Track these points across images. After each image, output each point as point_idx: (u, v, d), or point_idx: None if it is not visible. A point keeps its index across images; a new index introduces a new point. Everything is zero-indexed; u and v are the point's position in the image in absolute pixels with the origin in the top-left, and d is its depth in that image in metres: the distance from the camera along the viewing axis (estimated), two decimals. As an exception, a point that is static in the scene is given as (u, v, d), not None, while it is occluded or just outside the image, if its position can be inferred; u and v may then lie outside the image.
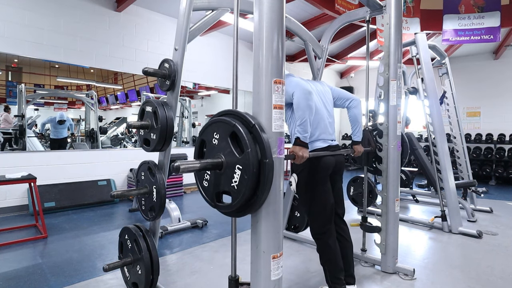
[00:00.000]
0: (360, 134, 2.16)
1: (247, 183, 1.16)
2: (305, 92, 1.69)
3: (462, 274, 2.49)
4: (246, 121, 1.22)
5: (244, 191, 1.17)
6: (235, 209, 1.25)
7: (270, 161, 1.19)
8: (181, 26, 1.90)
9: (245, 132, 1.19)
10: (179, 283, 2.30)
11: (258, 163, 1.17)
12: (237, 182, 1.20)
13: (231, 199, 1.24)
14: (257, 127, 1.20)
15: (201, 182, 1.36)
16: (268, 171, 1.18)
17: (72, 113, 6.31)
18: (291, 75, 1.97)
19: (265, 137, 1.20)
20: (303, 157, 1.66)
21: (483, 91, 7.81)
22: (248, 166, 1.15)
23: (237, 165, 1.19)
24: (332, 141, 2.00)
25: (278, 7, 1.25)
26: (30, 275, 2.39)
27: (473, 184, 4.27)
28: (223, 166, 1.25)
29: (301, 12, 5.81)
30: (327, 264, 1.94)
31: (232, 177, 1.22)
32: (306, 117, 1.67)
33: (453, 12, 5.39)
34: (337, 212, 2.08)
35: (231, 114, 1.28)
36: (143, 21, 5.37)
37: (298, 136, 1.68)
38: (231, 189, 1.23)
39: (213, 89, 7.32)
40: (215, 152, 1.29)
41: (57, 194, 4.33)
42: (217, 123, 1.28)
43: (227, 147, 1.23)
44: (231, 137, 1.23)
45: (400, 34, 2.47)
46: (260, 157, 1.18)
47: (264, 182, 1.18)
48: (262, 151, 1.18)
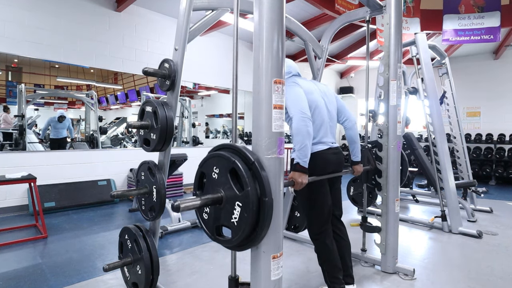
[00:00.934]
0: (358, 153, 2.17)
1: (247, 221, 1.17)
2: (305, 118, 1.69)
3: (462, 274, 2.49)
4: (246, 157, 1.22)
5: (244, 228, 1.18)
6: (235, 244, 1.26)
7: (269, 199, 1.19)
8: (181, 26, 1.90)
9: (245, 169, 1.19)
10: (179, 283, 2.30)
11: (257, 201, 1.18)
12: (237, 219, 1.21)
13: (231, 234, 1.25)
14: (256, 164, 1.20)
15: (201, 215, 1.37)
16: (268, 209, 1.19)
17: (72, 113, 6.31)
18: (295, 84, 1.90)
19: (265, 175, 1.20)
20: (302, 184, 1.67)
21: (483, 91, 7.81)
22: (248, 204, 1.16)
23: (237, 202, 1.20)
24: (332, 144, 2.00)
25: (278, 7, 1.25)
26: (30, 275, 2.39)
27: (473, 184, 4.27)
28: (223, 201, 1.25)
29: (301, 12, 5.81)
30: (325, 264, 1.95)
31: (232, 213, 1.22)
32: (306, 143, 1.67)
33: (453, 12, 5.39)
34: (335, 213, 2.08)
35: (230, 149, 1.28)
36: (143, 21, 5.37)
37: (298, 162, 1.67)
38: (231, 224, 1.23)
39: (213, 89, 7.33)
40: (214, 186, 1.29)
41: (57, 194, 4.33)
42: (217, 158, 1.28)
43: (227, 182, 1.24)
44: (231, 173, 1.23)
45: (400, 34, 2.47)
46: (260, 194, 1.18)
47: (264, 220, 1.18)
48: (261, 188, 1.18)
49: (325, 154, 1.92)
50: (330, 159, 1.94)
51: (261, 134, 1.25)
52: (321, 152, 1.91)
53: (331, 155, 1.95)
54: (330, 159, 1.94)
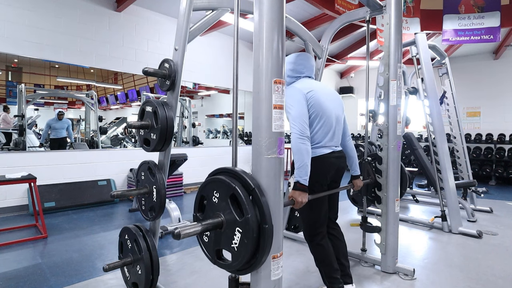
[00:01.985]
0: (357, 167, 2.18)
1: (247, 247, 1.18)
2: (303, 138, 1.70)
3: (462, 274, 2.49)
4: (246, 183, 1.23)
5: (244, 254, 1.19)
6: (235, 269, 1.27)
7: (269, 226, 1.19)
8: (181, 26, 1.90)
9: (245, 195, 1.19)
10: (179, 283, 2.30)
11: (258, 227, 1.18)
12: (237, 244, 1.21)
13: (231, 259, 1.25)
14: (256, 190, 1.20)
15: (202, 238, 1.37)
16: (268, 236, 1.19)
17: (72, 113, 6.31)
18: (300, 91, 1.83)
19: (265, 201, 1.21)
20: (302, 203, 1.67)
21: (483, 91, 7.81)
22: (248, 231, 1.17)
23: (237, 228, 1.20)
24: (336, 147, 1.99)
25: (278, 7, 1.25)
26: (30, 275, 2.39)
27: (473, 184, 4.27)
28: (223, 225, 1.26)
29: (301, 12, 5.81)
30: (322, 265, 1.95)
31: (232, 238, 1.23)
32: (305, 162, 1.67)
33: (453, 12, 5.39)
34: (330, 217, 2.09)
35: (230, 174, 1.28)
36: (143, 21, 5.37)
37: (298, 180, 1.67)
38: (231, 249, 1.24)
39: (213, 89, 7.33)
40: (215, 210, 1.29)
41: (57, 194, 4.33)
42: (217, 183, 1.29)
43: (227, 207, 1.24)
44: (231, 198, 1.23)
45: (400, 34, 2.47)
46: (260, 221, 1.19)
47: (264, 246, 1.19)
48: (261, 215, 1.19)
49: (328, 158, 1.91)
50: (332, 162, 1.93)
51: (261, 134, 1.25)
52: (323, 156, 1.90)
53: (333, 159, 1.94)
54: (332, 162, 1.93)
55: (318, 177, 1.86)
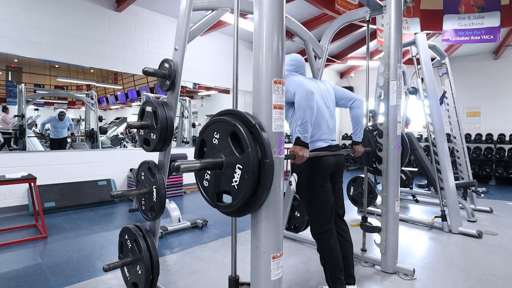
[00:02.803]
0: (361, 134, 2.16)
1: (247, 183, 1.16)
2: (307, 93, 1.68)
3: (462, 274, 2.49)
4: (247, 120, 1.22)
5: (245, 190, 1.17)
6: (235, 209, 1.25)
7: (270, 161, 1.18)
8: (181, 26, 1.90)
9: (246, 131, 1.19)
10: (179, 283, 2.30)
11: (258, 162, 1.17)
12: (237, 182, 1.20)
13: (231, 199, 1.24)
14: (257, 126, 1.20)
15: (201, 182, 1.36)
16: (269, 170, 1.18)
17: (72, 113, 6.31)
18: (294, 74, 1.96)
19: (266, 137, 1.20)
20: (303, 157, 1.66)
21: (483, 91, 7.81)
22: (249, 166, 1.15)
23: (238, 165, 1.19)
24: (332, 141, 2.00)
25: (278, 7, 1.25)
26: (30, 275, 2.39)
27: (473, 184, 4.27)
28: (223, 165, 1.25)
29: (301, 12, 5.81)
30: (328, 264, 1.94)
31: (232, 177, 1.22)
32: (307, 117, 1.67)
33: (453, 12, 5.39)
34: (337, 212, 2.08)
35: (231, 114, 1.28)
36: (143, 21, 5.37)
37: (298, 136, 1.68)
38: (231, 188, 1.23)
39: (213, 89, 7.32)
40: (215, 152, 1.28)
41: (57, 194, 4.33)
42: (218, 123, 1.28)
43: (228, 146, 1.23)
44: (232, 137, 1.22)
45: (400, 34, 2.47)
46: (261, 156, 1.18)
47: (265, 182, 1.18)
48: (262, 151, 1.18)
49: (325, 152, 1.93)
50: (329, 157, 1.95)
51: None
52: (320, 149, 1.92)
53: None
54: (329, 157, 1.95)
55: (317, 170, 1.87)
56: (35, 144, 5.05)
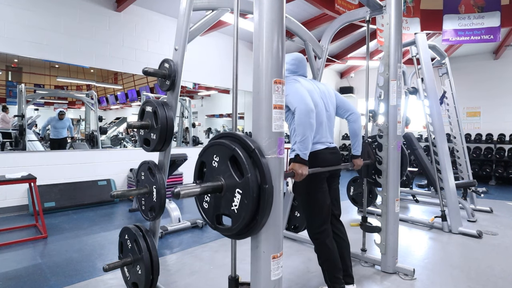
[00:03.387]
0: (359, 148, 2.16)
1: (247, 208, 1.17)
2: (308, 110, 1.69)
3: (462, 274, 2.49)
4: (246, 145, 1.22)
5: (244, 215, 1.18)
6: (235, 233, 1.26)
7: (270, 186, 1.19)
8: (181, 26, 1.90)
9: (245, 156, 1.19)
10: (179, 283, 2.30)
11: (258, 188, 1.17)
12: (237, 206, 1.21)
13: (231, 222, 1.24)
14: (257, 151, 1.20)
15: (201, 204, 1.37)
16: (268, 196, 1.18)
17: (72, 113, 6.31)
18: (295, 79, 1.92)
19: (265, 162, 1.20)
20: (302, 175, 1.67)
21: (483, 91, 7.81)
22: (248, 191, 1.16)
23: (237, 189, 1.20)
24: (330, 143, 2.00)
25: (278, 7, 1.25)
26: (30, 275, 2.39)
27: (473, 184, 4.27)
28: (223, 189, 1.25)
29: (301, 12, 5.81)
30: (325, 264, 1.95)
31: (232, 201, 1.22)
32: (307, 135, 1.67)
33: (453, 12, 5.39)
34: (334, 213, 2.09)
35: (230, 137, 1.28)
36: (143, 21, 5.37)
37: (298, 154, 1.67)
38: (231, 212, 1.23)
39: (213, 89, 7.33)
40: (215, 174, 1.29)
41: (57, 194, 4.32)
42: (217, 146, 1.28)
43: (227, 170, 1.24)
44: (231, 161, 1.23)
45: (400, 34, 2.47)
46: (260, 182, 1.18)
47: (264, 207, 1.18)
48: (262, 176, 1.18)
49: (323, 154, 1.93)
50: (327, 158, 1.95)
51: (261, 134, 1.25)
52: (318, 151, 1.92)
53: (328, 155, 1.95)
54: (327, 158, 1.95)
55: (315, 173, 1.87)
56: (36, 145, 5.05)
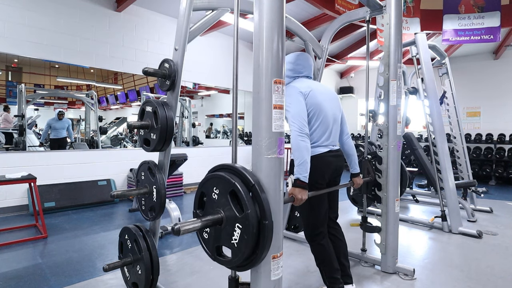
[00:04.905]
0: (356, 166, 2.18)
1: (247, 243, 1.18)
2: (302, 135, 1.71)
3: (462, 274, 2.49)
4: (246, 180, 1.22)
5: (244, 250, 1.19)
6: (235, 265, 1.27)
7: (269, 222, 1.19)
8: (181, 26, 1.90)
9: (245, 191, 1.19)
10: (179, 283, 2.30)
11: (257, 223, 1.18)
12: (237, 240, 1.21)
13: (231, 255, 1.25)
14: (256, 186, 1.21)
15: (201, 234, 1.38)
16: (268, 232, 1.19)
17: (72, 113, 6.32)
18: (298, 91, 1.85)
19: (265, 197, 1.21)
20: (302, 200, 1.68)
21: (483, 91, 7.81)
22: (248, 227, 1.17)
23: (237, 224, 1.20)
24: (333, 146, 2.00)
25: (278, 7, 1.25)
26: (30, 275, 2.39)
27: (473, 184, 4.27)
28: (223, 222, 1.26)
29: (301, 12, 5.81)
30: (322, 265, 1.96)
31: (232, 234, 1.23)
32: (305, 158, 1.68)
33: (453, 12, 5.39)
34: (330, 216, 2.09)
35: (230, 170, 1.28)
36: (143, 21, 5.37)
37: (298, 177, 1.68)
38: (231, 245, 1.24)
39: (213, 89, 7.33)
40: (215, 207, 1.29)
41: (57, 194, 4.32)
42: (217, 179, 1.29)
43: (227, 203, 1.24)
44: (231, 195, 1.23)
45: (400, 34, 2.47)
46: (260, 217, 1.19)
47: (264, 242, 1.19)
48: (261, 211, 1.19)
49: (325, 157, 1.91)
50: (329, 161, 1.94)
51: (261, 134, 1.25)
52: (320, 155, 1.91)
53: (330, 158, 1.94)
54: (329, 161, 1.94)
55: (316, 176, 1.86)
56: (33, 141, 5.05)
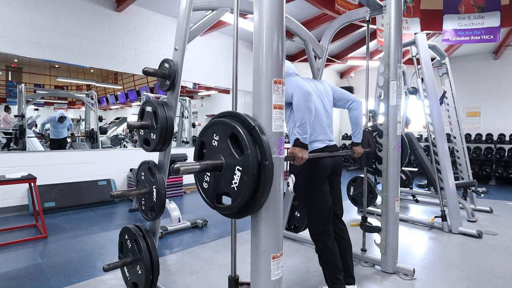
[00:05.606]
0: (360, 135, 2.17)
1: (247, 185, 1.16)
2: (305, 94, 1.69)
3: (462, 274, 2.49)
4: (246, 122, 1.22)
5: (244, 192, 1.18)
6: (235, 211, 1.25)
7: (270, 163, 1.19)
8: (181, 26, 1.90)
9: (245, 134, 1.19)
10: (179, 283, 2.30)
11: (258, 164, 1.17)
12: (237, 184, 1.20)
13: (231, 200, 1.24)
14: (257, 129, 1.20)
15: (201, 184, 1.37)
16: (268, 172, 1.18)
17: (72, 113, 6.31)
18: (291, 75, 1.97)
19: (265, 139, 1.20)
20: (302, 158, 1.66)
21: (483, 91, 7.81)
22: (248, 168, 1.16)
23: (237, 167, 1.19)
24: (330, 142, 2.01)
25: (278, 7, 1.25)
26: (30, 275, 2.39)
27: (473, 184, 4.27)
28: (223, 167, 1.25)
29: (301, 12, 5.81)
30: (326, 264, 1.95)
31: (232, 179, 1.22)
32: (305, 119, 1.67)
33: (453, 12, 5.39)
34: (336, 213, 2.08)
35: (230, 116, 1.28)
36: (143, 21, 5.37)
37: (297, 138, 1.68)
38: (231, 190, 1.23)
39: (213, 89, 7.33)
40: (215, 154, 1.28)
41: (57, 194, 4.32)
42: (217, 125, 1.28)
43: (227, 148, 1.23)
44: (231, 139, 1.22)
45: (400, 34, 2.47)
46: (260, 158, 1.18)
47: (264, 184, 1.18)
48: (262, 153, 1.18)
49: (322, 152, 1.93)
50: (327, 158, 1.94)
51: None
52: (318, 150, 1.92)
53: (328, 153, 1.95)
54: (327, 158, 1.94)
55: (316, 172, 1.87)
56: (35, 144, 5.05)
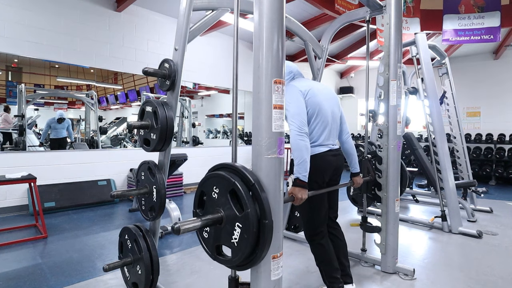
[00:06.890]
0: (357, 165, 2.18)
1: (247, 242, 1.17)
2: (302, 134, 1.71)
3: (462, 274, 2.49)
4: (246, 178, 1.22)
5: (244, 249, 1.19)
6: (235, 265, 1.27)
7: (269, 222, 1.19)
8: (181, 26, 1.90)
9: (245, 190, 1.19)
10: (179, 283, 2.30)
11: (257, 223, 1.18)
12: (237, 240, 1.21)
13: (231, 254, 1.25)
14: (256, 186, 1.20)
15: (201, 234, 1.37)
16: (268, 231, 1.19)
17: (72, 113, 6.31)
18: (298, 90, 1.85)
19: (265, 197, 1.21)
20: (302, 199, 1.68)
21: (483, 91, 7.81)
22: (248, 226, 1.16)
23: (237, 223, 1.20)
24: (333, 146, 2.00)
25: (278, 7, 1.25)
26: (30, 275, 2.39)
27: (473, 184, 4.27)
28: (223, 221, 1.26)
29: (301, 12, 5.81)
30: (322, 264, 1.96)
31: (232, 233, 1.23)
32: (304, 158, 1.68)
33: (453, 12, 5.39)
34: (330, 216, 2.09)
35: (230, 169, 1.28)
36: (143, 21, 5.37)
37: (297, 177, 1.68)
38: (231, 245, 1.24)
39: (213, 89, 7.33)
40: (214, 206, 1.29)
41: (57, 194, 4.32)
42: (217, 178, 1.28)
43: (227, 203, 1.24)
44: (231, 194, 1.23)
45: (400, 34, 2.47)
46: (260, 216, 1.18)
47: (264, 242, 1.19)
48: (261, 210, 1.19)
49: (325, 156, 1.91)
50: (329, 160, 1.94)
51: (261, 134, 1.25)
52: (320, 154, 1.91)
53: (330, 157, 1.94)
54: (329, 160, 1.94)
55: (316, 175, 1.86)
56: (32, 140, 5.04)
